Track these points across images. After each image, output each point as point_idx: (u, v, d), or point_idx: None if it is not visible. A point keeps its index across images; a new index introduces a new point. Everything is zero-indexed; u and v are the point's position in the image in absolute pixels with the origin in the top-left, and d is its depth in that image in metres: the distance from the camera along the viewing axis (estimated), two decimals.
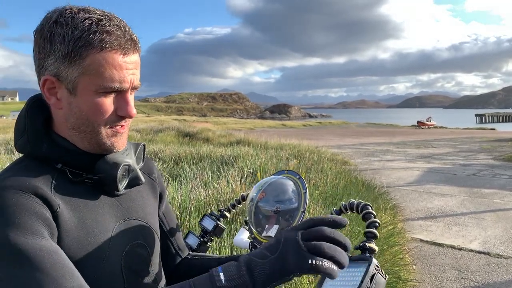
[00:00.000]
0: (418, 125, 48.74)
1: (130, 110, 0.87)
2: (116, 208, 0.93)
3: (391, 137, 25.77)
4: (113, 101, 0.85)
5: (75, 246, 0.80)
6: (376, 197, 6.34)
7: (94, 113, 0.84)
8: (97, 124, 0.86)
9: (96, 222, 0.86)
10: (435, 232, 5.42)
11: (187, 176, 6.25)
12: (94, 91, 0.83)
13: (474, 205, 6.87)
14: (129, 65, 0.84)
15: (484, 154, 14.80)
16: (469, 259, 4.47)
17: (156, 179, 1.10)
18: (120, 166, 0.89)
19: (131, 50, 0.85)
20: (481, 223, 5.78)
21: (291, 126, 44.51)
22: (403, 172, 10.52)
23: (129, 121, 0.91)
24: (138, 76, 0.88)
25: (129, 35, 0.84)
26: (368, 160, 13.05)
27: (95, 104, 0.84)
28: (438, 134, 28.98)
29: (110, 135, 0.88)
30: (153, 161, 1.15)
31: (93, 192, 0.90)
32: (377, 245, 0.76)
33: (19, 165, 0.86)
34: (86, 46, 0.80)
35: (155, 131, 16.69)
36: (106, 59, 0.81)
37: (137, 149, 1.00)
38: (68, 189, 0.85)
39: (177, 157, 8.70)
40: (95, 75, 0.81)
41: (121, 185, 0.90)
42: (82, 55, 0.80)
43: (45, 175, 0.83)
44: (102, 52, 0.81)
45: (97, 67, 0.81)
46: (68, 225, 0.80)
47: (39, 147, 0.87)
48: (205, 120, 48.76)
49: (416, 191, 8.03)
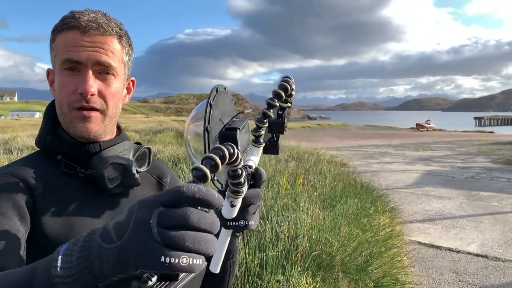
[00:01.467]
0: (417, 127, 48.77)
1: (86, 87, 0.86)
2: (110, 207, 0.92)
3: (389, 139, 25.80)
4: (76, 80, 0.87)
5: (55, 235, 0.83)
6: (375, 199, 6.34)
7: (60, 92, 0.89)
8: (63, 104, 0.89)
9: (81, 217, 0.87)
10: (433, 235, 5.42)
11: (186, 177, 6.26)
12: (58, 68, 0.88)
13: (472, 208, 6.88)
14: (87, 43, 0.86)
15: (482, 157, 14.82)
16: (467, 261, 4.48)
17: (167, 183, 1.08)
18: (108, 163, 0.88)
19: (93, 30, 0.87)
20: (479, 226, 5.78)
21: (290, 128, 44.52)
22: (402, 174, 10.53)
23: (95, 104, 0.88)
24: (107, 56, 0.88)
25: (95, 19, 0.87)
26: (366, 162, 13.06)
27: (60, 82, 0.88)
28: (436, 137, 29.02)
29: (75, 117, 0.89)
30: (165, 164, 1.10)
31: (86, 188, 0.90)
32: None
33: (28, 157, 0.94)
34: (55, 31, 0.89)
35: (154, 132, 16.68)
36: (64, 38, 0.87)
37: (137, 151, 0.99)
38: (62, 182, 0.89)
39: (176, 158, 8.70)
40: (58, 54, 0.88)
41: (111, 184, 0.89)
42: (54, 39, 0.89)
43: (45, 167, 0.89)
44: (63, 32, 0.87)
45: (59, 46, 0.87)
46: (50, 214, 0.84)
47: (45, 140, 0.93)
48: None
49: (414, 194, 8.04)
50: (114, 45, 0.90)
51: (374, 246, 3.91)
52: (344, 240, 3.83)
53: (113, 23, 0.90)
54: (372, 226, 4.66)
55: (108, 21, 0.89)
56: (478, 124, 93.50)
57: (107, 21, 0.89)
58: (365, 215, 5.07)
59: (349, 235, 3.99)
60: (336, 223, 4.26)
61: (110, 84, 0.90)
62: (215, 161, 0.50)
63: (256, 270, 3.06)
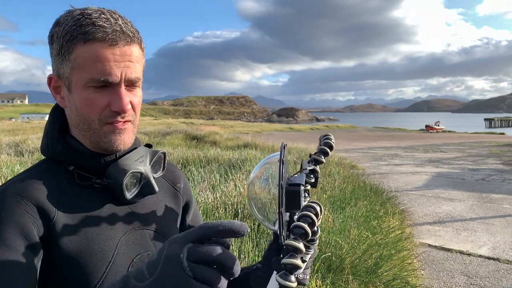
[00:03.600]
0: (426, 129, 48.46)
1: (123, 105, 0.82)
2: (128, 216, 0.90)
3: (399, 141, 25.64)
4: (106, 96, 0.82)
5: (76, 252, 0.80)
6: (384, 202, 6.30)
7: (87, 109, 0.83)
8: (91, 120, 0.83)
9: (99, 229, 0.84)
10: (444, 237, 5.37)
11: (195, 179, 6.27)
12: (83, 85, 0.81)
13: (483, 210, 6.81)
14: (118, 57, 0.80)
15: (493, 159, 14.67)
16: (478, 264, 4.43)
17: (180, 189, 1.06)
18: (128, 173, 0.85)
19: (121, 41, 0.80)
20: (490, 229, 5.72)
21: (298, 130, 44.45)
22: (412, 176, 10.45)
23: (129, 117, 0.87)
24: (135, 69, 0.84)
25: (119, 26, 0.80)
26: (376, 164, 12.99)
27: (86, 99, 0.82)
28: (446, 139, 28.78)
29: (108, 132, 0.85)
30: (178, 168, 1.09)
31: (102, 198, 0.87)
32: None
33: (37, 168, 0.88)
34: (72, 40, 0.79)
35: (163, 134, 16.77)
36: (90, 51, 0.79)
37: (153, 157, 0.96)
38: (76, 194, 0.85)
39: (185, 160, 8.74)
40: (82, 68, 0.80)
41: (129, 193, 0.87)
42: (70, 50, 0.80)
43: (56, 179, 0.84)
44: (86, 44, 0.79)
45: (83, 60, 0.79)
46: (66, 232, 0.80)
47: (55, 149, 0.88)
48: (213, 123, 48.87)
49: (424, 196, 7.97)
50: (137, 53, 0.85)
51: (384, 248, 3.89)
52: (353, 242, 3.81)
53: (130, 25, 0.84)
54: (382, 229, 4.63)
55: (126, 24, 0.83)
56: (488, 126, 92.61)
57: (127, 25, 0.83)
58: (375, 218, 5.04)
59: (359, 238, 3.97)
60: (346, 225, 4.24)
61: (137, 95, 0.88)
62: (312, 220, 0.56)
63: None
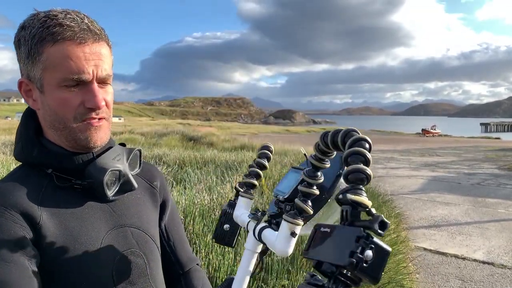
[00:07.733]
0: (422, 133, 48.66)
1: (97, 101, 0.83)
2: (108, 215, 0.91)
3: (395, 144, 25.72)
4: (79, 94, 0.83)
5: (61, 254, 0.81)
6: (380, 205, 6.32)
7: (61, 108, 0.83)
8: (67, 119, 0.84)
9: (83, 229, 0.85)
10: (439, 241, 5.39)
11: (191, 181, 6.27)
12: (56, 85, 0.82)
13: (478, 214, 6.84)
14: (88, 55, 0.81)
15: (488, 163, 14.73)
16: (473, 269, 4.45)
17: (157, 187, 1.07)
18: (108, 171, 0.87)
19: (89, 39, 0.82)
20: (485, 233, 5.75)
21: (295, 132, 44.50)
22: (407, 180, 10.49)
23: (103, 114, 0.88)
24: (105, 66, 0.85)
25: (86, 25, 0.82)
26: (372, 167, 12.97)
27: (60, 98, 0.83)
28: (442, 143, 28.89)
29: (83, 129, 0.86)
30: (157, 165, 1.08)
31: (83, 198, 0.88)
32: None
33: (14, 175, 0.88)
34: (40, 42, 0.80)
35: (159, 135, 16.75)
36: (60, 51, 0.80)
37: (130, 155, 0.97)
38: (57, 196, 0.85)
39: (182, 161, 8.73)
40: (53, 69, 0.81)
41: (110, 191, 0.89)
42: (39, 51, 0.81)
43: (36, 183, 0.85)
44: (56, 44, 0.80)
45: (54, 61, 0.80)
46: (53, 234, 0.81)
47: (31, 153, 0.88)
48: (209, 125, 48.86)
49: (420, 200, 8.01)
50: (106, 51, 0.86)
51: None
52: None
53: (95, 24, 0.85)
54: None
55: (92, 23, 0.84)
56: (484, 130, 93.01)
57: (93, 23, 0.84)
58: None
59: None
60: None
61: (108, 92, 0.89)
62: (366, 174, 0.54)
63: (262, 275, 3.06)
